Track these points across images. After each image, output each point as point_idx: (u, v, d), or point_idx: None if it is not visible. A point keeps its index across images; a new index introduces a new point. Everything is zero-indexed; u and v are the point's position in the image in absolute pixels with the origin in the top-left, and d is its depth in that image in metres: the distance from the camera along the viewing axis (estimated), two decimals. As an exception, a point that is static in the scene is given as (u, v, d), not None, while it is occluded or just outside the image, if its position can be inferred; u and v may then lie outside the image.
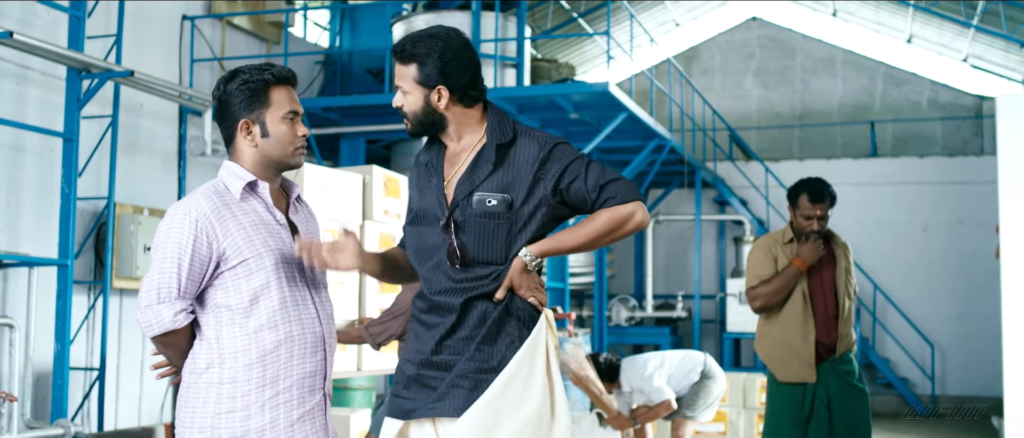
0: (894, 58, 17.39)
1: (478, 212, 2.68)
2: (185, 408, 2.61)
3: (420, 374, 2.72)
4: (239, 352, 2.57)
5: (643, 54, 16.97)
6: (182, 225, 2.55)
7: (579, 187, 2.68)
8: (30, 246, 7.94)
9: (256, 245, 2.60)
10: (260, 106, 2.64)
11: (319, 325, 2.69)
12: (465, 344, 2.68)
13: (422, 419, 2.70)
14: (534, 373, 2.66)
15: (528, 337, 2.69)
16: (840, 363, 4.83)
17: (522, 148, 2.72)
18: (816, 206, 4.78)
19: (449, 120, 2.75)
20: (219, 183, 2.67)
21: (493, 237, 2.69)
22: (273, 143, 2.65)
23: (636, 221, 2.68)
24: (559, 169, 2.69)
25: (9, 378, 7.17)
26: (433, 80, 2.70)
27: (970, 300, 14.37)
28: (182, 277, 2.54)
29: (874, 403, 14.18)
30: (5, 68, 7.90)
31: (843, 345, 4.84)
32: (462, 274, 2.69)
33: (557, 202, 2.71)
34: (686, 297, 14.77)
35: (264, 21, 11.21)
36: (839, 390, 4.81)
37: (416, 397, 2.72)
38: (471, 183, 2.71)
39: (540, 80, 11.77)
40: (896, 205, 14.86)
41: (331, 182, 5.46)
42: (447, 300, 2.70)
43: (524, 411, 2.63)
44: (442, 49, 2.70)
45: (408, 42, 2.72)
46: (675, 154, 13.21)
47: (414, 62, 2.70)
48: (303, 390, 2.63)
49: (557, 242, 2.72)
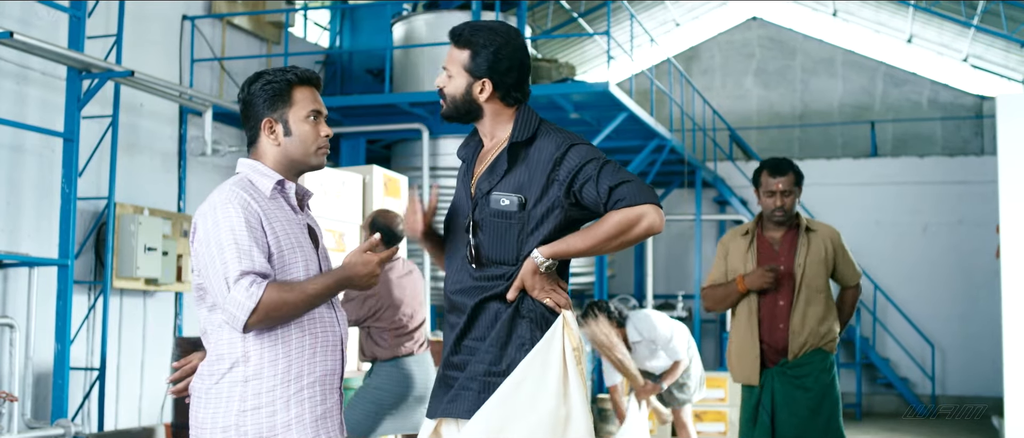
0: (894, 58, 17.39)
1: (493, 211, 2.68)
2: (205, 408, 2.57)
3: (445, 374, 2.75)
4: (265, 348, 2.55)
5: (643, 54, 16.97)
6: (228, 211, 2.51)
7: (591, 189, 2.62)
8: (30, 246, 7.94)
9: (290, 240, 2.60)
10: (283, 106, 2.65)
11: (338, 325, 2.69)
12: (478, 345, 2.68)
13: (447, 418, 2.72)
14: (547, 376, 2.61)
15: (540, 339, 2.65)
16: (791, 367, 4.48)
17: (540, 147, 2.70)
18: (776, 179, 4.50)
19: (486, 114, 2.76)
20: (244, 179, 2.64)
21: (505, 237, 2.67)
22: (296, 142, 2.65)
23: (646, 224, 2.59)
24: (573, 170, 2.64)
25: (9, 378, 7.17)
26: (481, 71, 2.72)
27: (970, 300, 14.36)
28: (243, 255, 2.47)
29: (874, 403, 14.19)
30: (5, 68, 7.90)
31: (799, 344, 4.47)
32: (478, 274, 2.69)
33: (571, 204, 2.67)
34: (686, 297, 14.76)
35: (264, 21, 11.21)
36: (784, 396, 4.48)
37: (438, 396, 2.76)
38: (489, 182, 2.71)
39: (540, 80, 11.76)
40: (896, 205, 14.85)
41: (331, 182, 5.47)
42: (462, 300, 2.71)
43: (535, 415, 2.57)
44: (499, 45, 2.71)
45: (468, 28, 2.74)
46: (675, 154, 13.21)
47: (469, 49, 2.72)
48: (325, 388, 2.63)
49: (567, 245, 2.66)
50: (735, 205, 15.02)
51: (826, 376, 4.50)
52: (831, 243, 4.58)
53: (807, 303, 4.48)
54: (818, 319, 4.49)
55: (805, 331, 4.48)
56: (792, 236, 4.58)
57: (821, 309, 4.51)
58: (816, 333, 4.48)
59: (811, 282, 4.50)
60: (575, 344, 2.68)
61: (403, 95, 10.49)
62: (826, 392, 4.49)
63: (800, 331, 4.48)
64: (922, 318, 14.50)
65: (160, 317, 9.41)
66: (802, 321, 4.48)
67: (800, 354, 4.48)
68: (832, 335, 4.54)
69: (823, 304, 4.52)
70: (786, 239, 4.57)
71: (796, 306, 4.48)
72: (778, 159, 4.60)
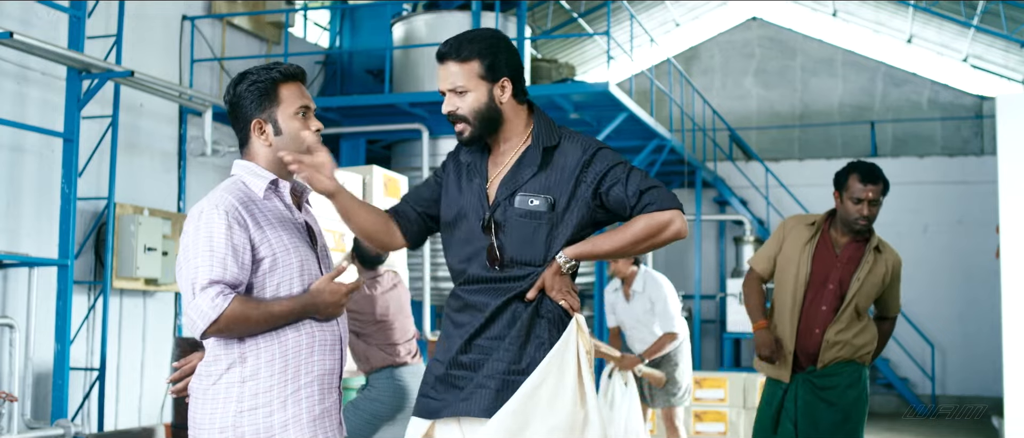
0: (894, 58, 17.40)
1: (520, 212, 2.68)
2: (203, 410, 2.57)
3: (448, 374, 2.72)
4: (261, 348, 2.54)
5: (643, 54, 16.98)
6: (212, 218, 2.50)
7: (619, 192, 2.66)
8: (30, 246, 7.94)
9: (284, 241, 2.58)
10: (271, 105, 2.62)
11: (337, 324, 2.68)
12: (495, 344, 2.68)
13: (448, 419, 2.70)
14: (565, 378, 2.63)
15: (558, 341, 2.66)
16: (818, 376, 4.33)
17: (565, 151, 2.72)
18: (867, 187, 4.25)
19: (505, 117, 2.73)
20: (237, 181, 2.63)
21: (533, 238, 2.68)
22: (287, 140, 2.63)
23: (674, 229, 2.65)
24: (600, 172, 2.68)
25: (9, 378, 7.17)
26: (499, 72, 2.69)
27: (970, 300, 14.37)
28: (215, 264, 2.46)
29: (874, 403, 14.19)
30: (5, 68, 7.90)
31: (830, 356, 4.32)
32: (500, 274, 2.69)
33: (596, 206, 2.70)
34: (686, 297, 14.75)
35: (264, 21, 11.21)
36: (806, 405, 4.32)
37: (444, 397, 2.72)
38: (515, 183, 2.71)
39: (540, 80, 11.77)
40: (896, 205, 14.84)
41: (331, 182, 5.46)
42: (482, 300, 2.70)
43: (554, 417, 2.59)
44: (499, 43, 2.71)
45: (463, 40, 2.70)
46: (675, 154, 13.21)
47: (476, 58, 2.68)
48: (323, 387, 2.62)
49: (593, 245, 2.70)
50: (735, 205, 15.02)
51: (853, 391, 4.34)
52: (892, 269, 4.41)
53: (851, 319, 4.34)
54: (855, 333, 4.36)
55: (841, 344, 4.34)
56: (857, 247, 4.40)
57: (861, 324, 4.38)
58: (852, 347, 4.34)
59: (862, 301, 4.35)
60: (588, 347, 2.69)
61: (403, 95, 10.49)
62: (852, 408, 4.33)
63: (835, 342, 4.33)
64: (922, 318, 14.51)
65: (160, 317, 9.41)
66: (840, 333, 4.33)
67: (830, 364, 4.34)
68: (867, 349, 4.39)
69: (864, 324, 4.39)
70: (850, 247, 4.40)
71: (838, 319, 4.33)
72: (870, 164, 4.36)
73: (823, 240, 4.43)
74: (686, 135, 14.35)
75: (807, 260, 4.37)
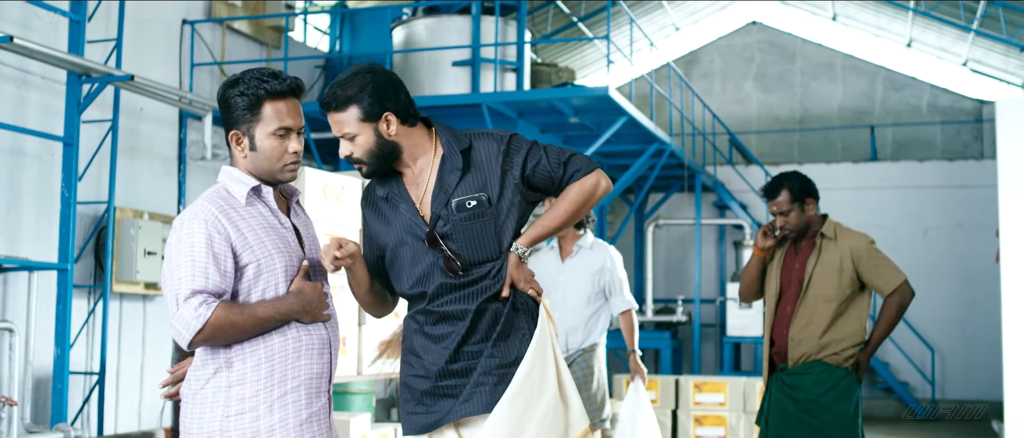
0: (894, 62, 17.41)
1: (462, 216, 2.74)
2: (191, 415, 2.59)
3: (438, 386, 2.75)
4: (247, 353, 2.56)
5: (643, 58, 16.98)
6: (192, 228, 2.53)
7: (544, 168, 2.80)
8: (30, 250, 7.94)
9: (267, 247, 2.59)
10: (252, 119, 2.61)
11: (325, 328, 2.69)
12: (482, 346, 2.74)
13: (443, 428, 2.75)
14: (547, 362, 2.75)
15: (535, 329, 2.77)
16: (788, 374, 4.43)
17: (481, 149, 2.80)
18: (771, 202, 4.50)
19: (401, 146, 2.78)
20: (221, 189, 2.65)
21: (482, 235, 2.75)
22: (261, 158, 2.63)
23: (603, 187, 2.83)
24: (522, 157, 2.80)
25: (9, 382, 7.17)
26: (376, 110, 2.72)
27: (970, 304, 14.37)
28: (197, 274, 2.49)
29: (874, 407, 14.18)
30: (5, 72, 7.90)
31: (797, 354, 4.41)
32: (466, 278, 2.74)
33: (527, 189, 2.81)
34: (686, 301, 14.76)
35: (264, 25, 11.22)
36: (776, 404, 4.46)
37: (437, 408, 2.75)
38: (446, 192, 2.76)
39: (540, 84, 11.78)
40: (896, 209, 14.86)
41: (331, 186, 5.46)
42: (460, 307, 2.74)
43: (544, 399, 2.71)
44: (370, 80, 2.73)
45: (336, 89, 2.73)
46: (675, 158, 13.21)
47: (352, 103, 2.71)
48: (310, 391, 2.63)
49: (542, 227, 2.83)
50: (735, 209, 15.02)
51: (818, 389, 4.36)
52: (850, 252, 4.43)
53: (811, 312, 4.41)
54: (820, 330, 4.39)
55: (805, 341, 4.41)
56: (811, 242, 4.54)
57: (826, 320, 4.40)
58: (816, 344, 4.39)
59: (818, 291, 4.41)
60: (555, 330, 2.87)
61: (403, 99, 10.48)
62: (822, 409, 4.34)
63: (800, 340, 4.42)
64: (922, 322, 14.50)
65: (159, 321, 9.41)
66: (802, 330, 4.42)
67: (799, 362, 4.42)
68: (835, 349, 4.40)
69: (830, 315, 4.40)
70: (807, 245, 4.55)
71: (798, 313, 4.43)
72: (772, 180, 4.56)
73: (790, 249, 4.62)
74: (686, 139, 14.35)
75: (776, 271, 4.60)
